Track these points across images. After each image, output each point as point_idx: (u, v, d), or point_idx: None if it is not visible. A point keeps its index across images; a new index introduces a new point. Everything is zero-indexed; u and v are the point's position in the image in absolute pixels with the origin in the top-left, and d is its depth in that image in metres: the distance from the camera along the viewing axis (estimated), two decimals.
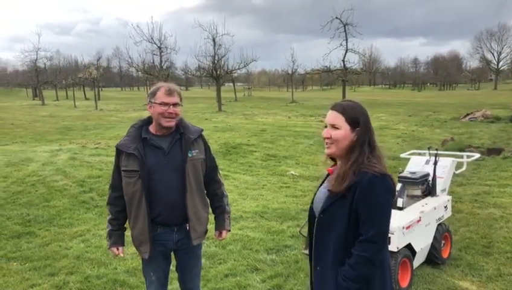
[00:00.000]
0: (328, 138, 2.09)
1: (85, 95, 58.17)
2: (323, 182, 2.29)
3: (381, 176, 1.97)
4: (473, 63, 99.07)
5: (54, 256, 5.12)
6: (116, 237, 2.92)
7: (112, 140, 13.32)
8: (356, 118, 2.05)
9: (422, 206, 4.57)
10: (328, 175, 2.26)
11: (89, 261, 4.93)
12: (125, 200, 2.83)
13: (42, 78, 47.19)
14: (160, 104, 2.74)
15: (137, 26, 28.12)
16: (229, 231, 3.16)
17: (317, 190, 2.28)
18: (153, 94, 2.79)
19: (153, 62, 28.75)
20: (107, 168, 9.00)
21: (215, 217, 3.13)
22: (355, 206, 1.99)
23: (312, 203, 2.27)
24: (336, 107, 2.10)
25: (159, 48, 27.90)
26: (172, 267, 3.12)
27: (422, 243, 4.39)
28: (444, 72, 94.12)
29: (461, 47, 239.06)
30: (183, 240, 2.88)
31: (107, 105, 38.70)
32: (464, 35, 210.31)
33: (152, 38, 27.82)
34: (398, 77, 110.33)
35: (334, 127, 2.07)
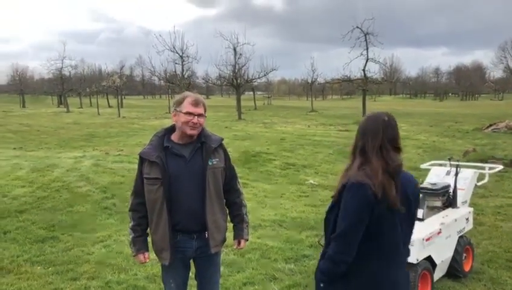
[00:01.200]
0: None
1: (108, 103, 59.17)
2: None
3: (357, 184, 2.09)
4: (496, 73, 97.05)
5: (77, 261, 5.22)
6: (140, 243, 2.96)
7: (134, 147, 13.54)
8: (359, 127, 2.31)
9: (443, 217, 4.50)
10: None
11: (110, 267, 5.01)
12: (146, 207, 2.90)
13: (67, 86, 48.23)
14: (185, 113, 2.80)
15: (160, 35, 28.44)
16: (247, 240, 3.19)
17: None
18: (179, 103, 2.85)
19: (175, 71, 29.11)
20: (129, 175, 9.16)
21: (233, 226, 3.16)
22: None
23: None
24: None
25: (181, 57, 28.25)
26: (192, 274, 3.16)
27: (442, 256, 4.33)
28: (467, 82, 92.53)
29: (484, 57, 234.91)
30: (203, 248, 2.91)
31: (130, 113, 39.27)
32: (487, 45, 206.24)
33: (174, 47, 28.20)
34: (420, 87, 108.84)
35: None
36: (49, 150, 13.95)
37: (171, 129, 2.95)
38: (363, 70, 28.45)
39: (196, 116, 2.81)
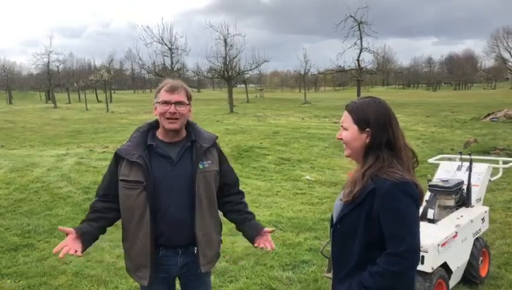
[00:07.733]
0: (340, 139, 1.98)
1: (97, 98, 58.27)
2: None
3: (402, 183, 1.78)
4: (488, 62, 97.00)
5: (52, 272, 4.71)
6: (85, 225, 2.39)
7: (121, 143, 12.96)
8: (365, 118, 1.88)
9: (457, 218, 4.05)
10: None
11: (88, 279, 4.51)
12: (118, 214, 2.42)
13: (54, 81, 47.35)
14: (161, 103, 2.34)
15: (148, 27, 27.77)
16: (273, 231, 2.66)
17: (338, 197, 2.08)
18: (157, 92, 2.41)
19: (164, 64, 28.45)
20: None
21: (246, 225, 2.61)
22: (374, 216, 1.81)
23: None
24: (347, 106, 1.97)
25: (170, 49, 27.60)
26: None
27: (459, 261, 3.89)
28: (459, 72, 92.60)
29: (475, 46, 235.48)
30: (190, 265, 2.44)
31: (119, 107, 38.57)
32: (477, 34, 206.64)
33: (162, 39, 27.54)
34: (412, 77, 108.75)
35: (343, 128, 1.95)
36: (32, 147, 13.31)
37: (156, 124, 2.47)
38: (357, 60, 27.99)
39: (173, 105, 2.31)
